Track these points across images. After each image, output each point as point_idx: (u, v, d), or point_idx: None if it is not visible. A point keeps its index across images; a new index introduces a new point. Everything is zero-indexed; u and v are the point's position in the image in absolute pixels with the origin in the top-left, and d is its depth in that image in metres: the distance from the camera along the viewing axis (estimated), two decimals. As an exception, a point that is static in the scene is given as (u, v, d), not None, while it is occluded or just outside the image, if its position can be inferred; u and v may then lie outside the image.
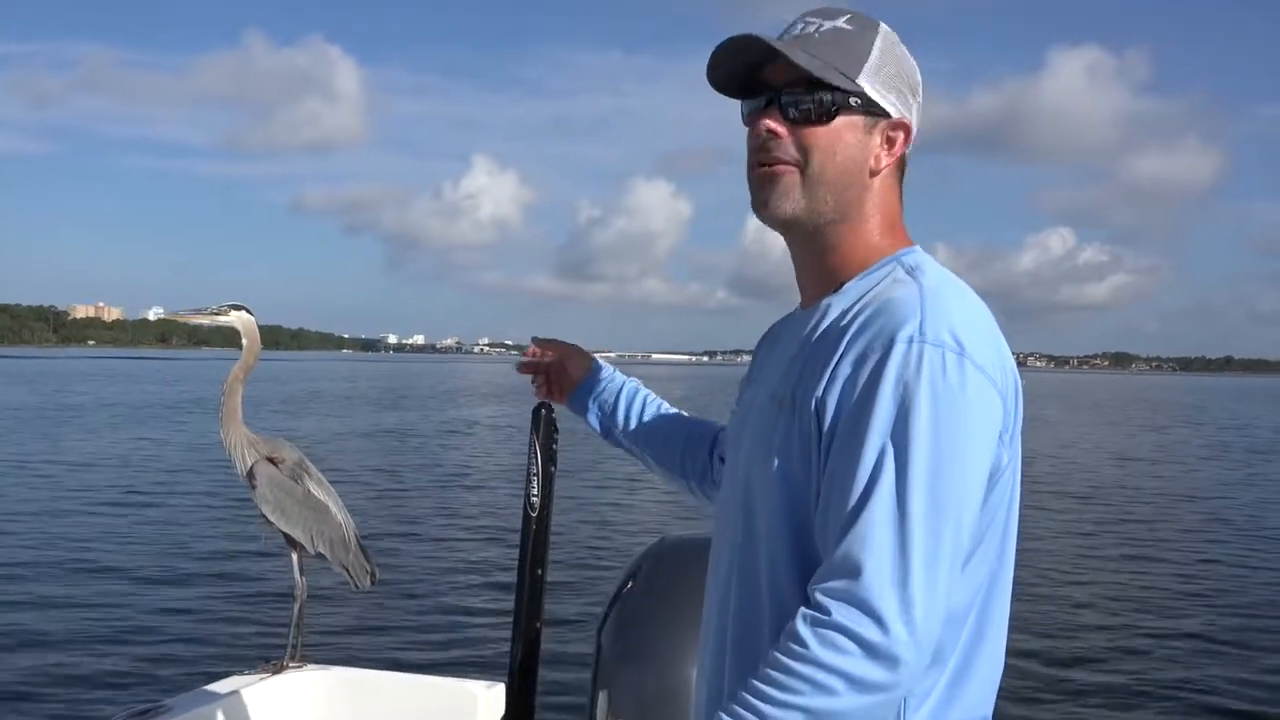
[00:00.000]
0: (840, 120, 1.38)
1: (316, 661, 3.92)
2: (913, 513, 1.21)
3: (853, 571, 1.20)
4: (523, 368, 2.06)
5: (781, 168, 1.39)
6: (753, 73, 1.41)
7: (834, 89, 1.37)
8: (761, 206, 1.42)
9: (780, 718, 1.20)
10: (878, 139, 1.41)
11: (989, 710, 1.39)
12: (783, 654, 1.22)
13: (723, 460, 1.65)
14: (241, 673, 3.78)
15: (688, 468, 1.88)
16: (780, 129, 1.38)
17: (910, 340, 1.26)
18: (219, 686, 3.60)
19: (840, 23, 1.40)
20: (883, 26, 1.42)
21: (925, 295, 1.30)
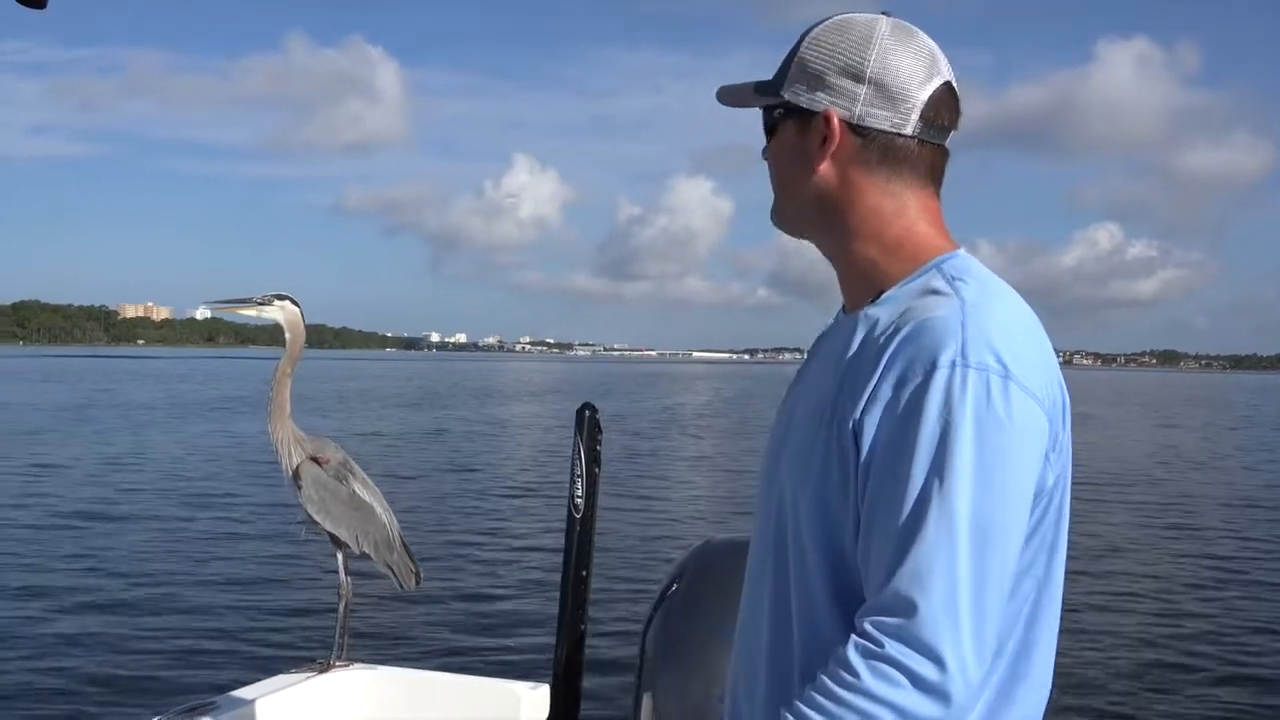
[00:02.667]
0: (777, 133, 1.45)
1: (362, 661, 3.95)
2: (961, 549, 1.19)
3: (906, 609, 1.19)
4: None
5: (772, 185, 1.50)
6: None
7: (766, 109, 1.46)
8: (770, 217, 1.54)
9: None
10: (813, 138, 1.41)
11: None
12: (832, 681, 1.20)
13: None
14: (288, 671, 3.81)
15: None
16: (765, 154, 1.49)
17: (952, 365, 1.23)
18: (266, 685, 3.63)
19: (796, 41, 1.46)
20: (824, 23, 1.42)
21: (966, 312, 1.26)
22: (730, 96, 1.52)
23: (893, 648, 1.18)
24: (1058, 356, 1.38)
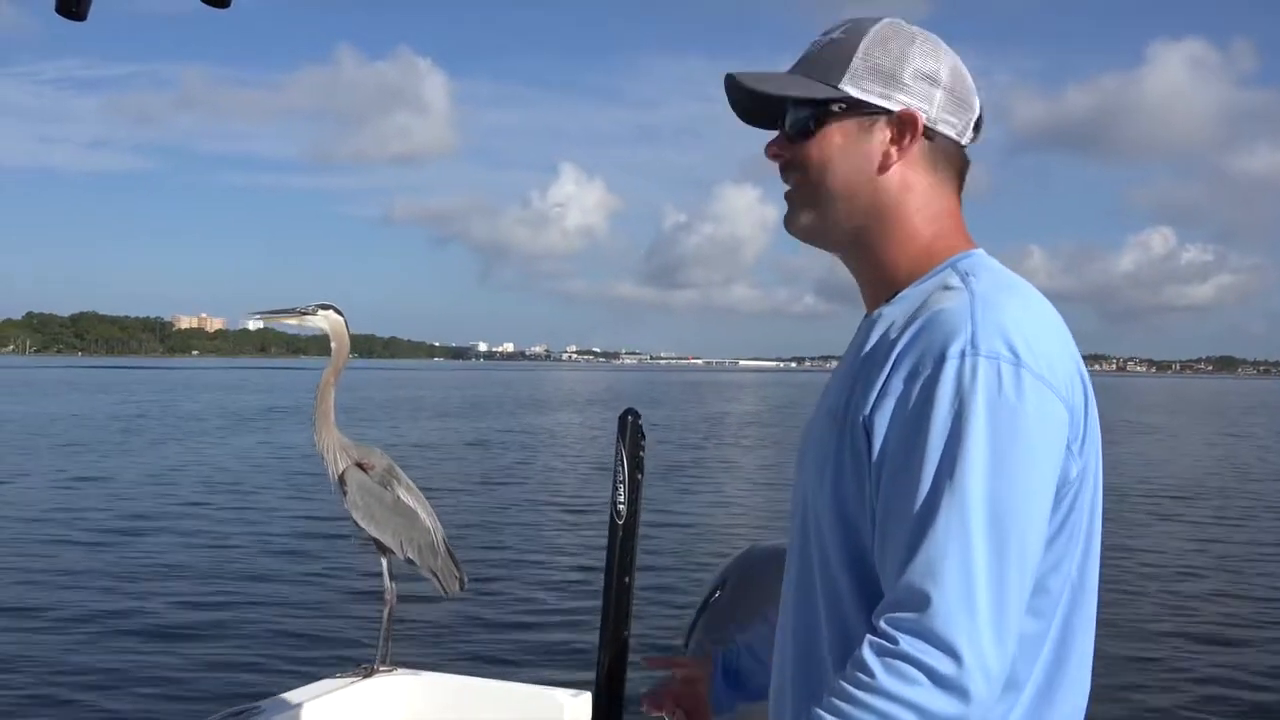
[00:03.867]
0: (829, 128, 1.38)
1: (406, 666, 3.96)
2: (976, 538, 1.17)
3: (919, 603, 1.16)
4: (650, 707, 1.89)
5: (791, 186, 1.42)
6: (771, 104, 1.42)
7: (814, 102, 1.37)
8: (785, 224, 1.45)
9: None
10: (880, 137, 1.37)
11: None
12: (849, 683, 1.18)
13: None
14: (333, 676, 3.84)
15: None
16: (781, 151, 1.41)
17: (962, 354, 1.21)
18: (310, 690, 3.66)
19: (835, 34, 1.40)
20: (880, 23, 1.39)
21: (976, 303, 1.25)
22: (756, 81, 1.40)
23: (907, 644, 1.15)
24: (1111, 364, 1.33)
